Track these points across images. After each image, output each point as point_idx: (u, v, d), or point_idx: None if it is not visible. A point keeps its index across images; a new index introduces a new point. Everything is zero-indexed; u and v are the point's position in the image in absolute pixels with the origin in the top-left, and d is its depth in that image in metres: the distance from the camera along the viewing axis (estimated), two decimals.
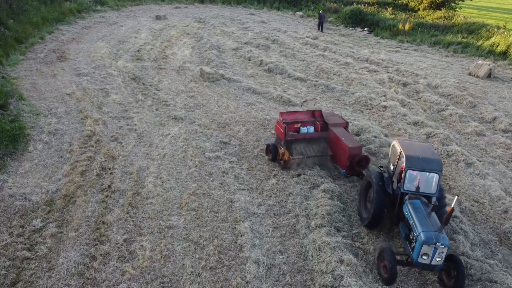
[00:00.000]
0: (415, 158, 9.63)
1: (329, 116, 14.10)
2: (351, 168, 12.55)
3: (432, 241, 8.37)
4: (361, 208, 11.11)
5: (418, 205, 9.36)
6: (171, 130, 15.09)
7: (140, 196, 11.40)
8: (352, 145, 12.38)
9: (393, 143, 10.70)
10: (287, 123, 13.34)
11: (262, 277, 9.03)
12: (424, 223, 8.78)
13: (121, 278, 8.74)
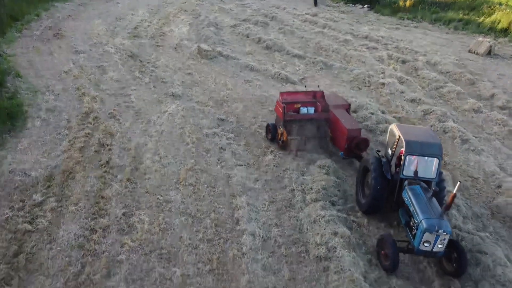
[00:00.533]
0: (414, 143, 9.42)
1: (331, 97, 13.81)
2: (350, 151, 12.31)
3: (434, 229, 8.27)
4: (358, 194, 10.85)
5: (418, 191, 9.20)
6: (168, 107, 15.13)
7: (138, 171, 11.56)
8: (351, 127, 12.15)
9: (391, 127, 10.47)
10: (286, 103, 13.07)
11: (258, 249, 9.26)
12: (425, 210, 8.66)
13: (120, 249, 8.96)
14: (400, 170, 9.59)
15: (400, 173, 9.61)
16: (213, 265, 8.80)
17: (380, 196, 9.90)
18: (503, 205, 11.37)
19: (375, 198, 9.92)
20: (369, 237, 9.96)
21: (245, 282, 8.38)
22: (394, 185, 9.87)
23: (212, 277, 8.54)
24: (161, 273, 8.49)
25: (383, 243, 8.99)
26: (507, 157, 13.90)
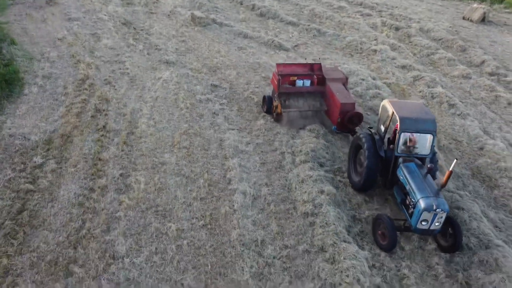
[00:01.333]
0: (408, 120, 9.19)
1: (329, 71, 13.48)
2: (342, 125, 12.14)
3: (432, 208, 8.24)
4: (351, 172, 10.67)
5: (413, 168, 9.12)
6: (163, 73, 15.39)
7: (134, 135, 11.97)
8: (344, 101, 11.93)
9: (383, 103, 10.19)
10: (282, 75, 12.81)
11: (248, 206, 9.81)
12: (422, 188, 8.61)
13: (118, 207, 9.49)
14: (395, 148, 9.40)
15: (394, 151, 9.43)
16: (206, 220, 9.37)
17: (374, 174, 9.78)
18: (483, 166, 11.91)
19: (368, 177, 9.75)
20: (354, 195, 10.50)
21: (236, 235, 8.96)
22: (387, 162, 9.72)
23: (205, 231, 9.11)
24: (157, 227, 9.05)
25: (380, 223, 8.91)
26: (492, 121, 14.36)
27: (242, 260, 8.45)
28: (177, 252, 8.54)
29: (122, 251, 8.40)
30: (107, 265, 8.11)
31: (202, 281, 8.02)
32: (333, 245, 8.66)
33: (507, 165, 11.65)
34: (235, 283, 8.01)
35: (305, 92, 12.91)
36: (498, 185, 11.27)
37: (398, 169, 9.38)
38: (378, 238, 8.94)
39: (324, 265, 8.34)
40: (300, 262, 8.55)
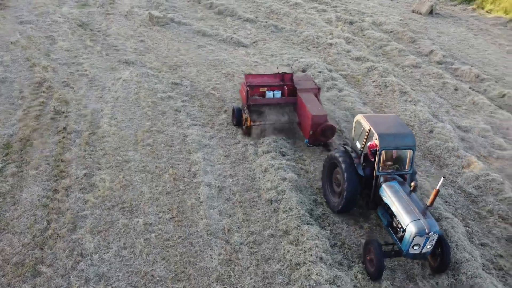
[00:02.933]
0: (388, 136, 8.65)
1: (300, 80, 12.83)
2: (315, 138, 11.63)
3: (424, 232, 7.71)
4: (327, 193, 10.02)
5: (397, 187, 8.62)
6: (122, 73, 15.36)
7: (96, 135, 11.96)
8: (316, 113, 11.33)
9: (356, 118, 9.53)
10: (251, 86, 12.22)
11: (214, 197, 10.09)
12: (410, 210, 8.07)
13: (84, 206, 9.52)
14: (376, 167, 8.82)
15: (375, 170, 8.85)
16: (173, 213, 9.57)
17: (355, 196, 9.25)
18: (433, 147, 12.73)
19: (349, 199, 9.20)
20: (315, 181, 10.98)
21: (203, 225, 9.22)
22: (367, 181, 9.18)
23: (172, 223, 9.31)
24: (125, 223, 9.16)
25: (368, 248, 8.36)
26: (440, 106, 15.30)
27: (210, 248, 8.73)
28: (145, 245, 8.70)
29: (90, 248, 8.47)
30: (76, 263, 8.17)
31: (172, 271, 8.23)
32: (296, 228, 9.09)
33: (454, 145, 12.50)
34: (204, 270, 8.27)
35: (276, 104, 12.30)
36: (447, 164, 12.10)
37: (380, 189, 8.82)
38: (367, 264, 8.41)
39: (289, 247, 8.75)
40: (266, 246, 8.92)
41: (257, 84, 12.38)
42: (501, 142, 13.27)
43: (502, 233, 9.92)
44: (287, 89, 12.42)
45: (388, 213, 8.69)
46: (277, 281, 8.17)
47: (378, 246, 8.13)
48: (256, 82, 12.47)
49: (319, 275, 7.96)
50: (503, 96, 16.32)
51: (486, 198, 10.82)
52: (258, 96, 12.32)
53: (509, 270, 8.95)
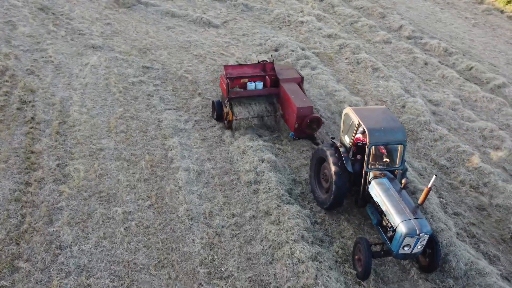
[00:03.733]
0: (377, 131, 8.27)
1: (283, 70, 12.37)
2: (300, 131, 11.33)
3: (415, 233, 7.43)
4: (315, 188, 9.68)
5: (387, 185, 8.31)
6: (90, 59, 14.82)
7: (67, 124, 11.57)
8: (301, 105, 10.95)
9: (345, 111, 9.06)
10: (231, 78, 11.62)
11: (193, 182, 10.01)
12: (400, 209, 7.77)
13: (59, 198, 9.26)
14: (365, 163, 8.48)
15: (364, 166, 8.51)
16: (152, 200, 9.45)
17: (343, 192, 8.91)
18: (406, 122, 12.99)
19: (338, 196, 8.87)
20: (293, 160, 11.06)
21: (184, 210, 9.16)
22: (356, 177, 8.87)
23: (152, 210, 9.20)
24: (103, 213, 8.99)
25: (358, 248, 8.04)
26: (411, 80, 15.57)
27: (192, 233, 8.70)
28: (126, 234, 8.59)
29: (68, 240, 8.29)
30: (55, 256, 7.99)
31: (155, 258, 8.18)
32: (277, 208, 9.16)
33: (426, 119, 12.80)
34: (187, 255, 8.26)
35: (257, 95, 11.81)
36: (420, 137, 12.39)
37: (370, 186, 8.56)
38: (355, 263, 8.17)
39: (270, 227, 8.82)
40: (248, 227, 8.97)
41: (238, 76, 11.79)
42: (470, 114, 13.68)
43: (473, 202, 10.32)
44: (269, 79, 11.89)
45: (377, 212, 8.38)
46: (260, 261, 8.26)
47: (367, 246, 7.80)
48: (236, 73, 11.90)
49: (302, 252, 8.09)
50: (470, 69, 16.74)
51: (458, 169, 11.20)
52: (239, 88, 11.77)
53: (481, 237, 9.36)
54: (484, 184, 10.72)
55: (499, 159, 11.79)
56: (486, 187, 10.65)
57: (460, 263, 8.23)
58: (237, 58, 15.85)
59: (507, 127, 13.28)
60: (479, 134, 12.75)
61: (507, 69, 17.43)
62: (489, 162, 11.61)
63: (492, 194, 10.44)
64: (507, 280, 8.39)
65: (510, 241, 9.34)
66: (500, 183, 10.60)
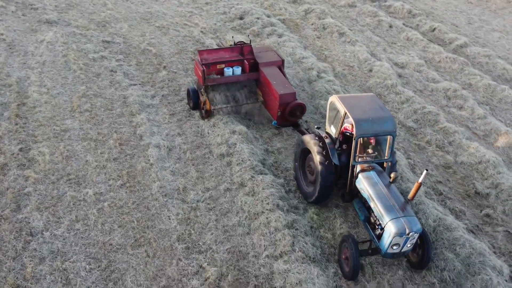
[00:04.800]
0: (365, 122, 7.75)
1: (261, 52, 11.46)
2: (284, 119, 10.57)
3: (404, 232, 7.04)
4: (300, 180, 9.19)
5: (375, 179, 7.84)
6: (45, 35, 14.03)
7: (26, 106, 11.03)
8: (283, 92, 10.23)
9: (331, 99, 8.49)
10: (207, 64, 10.71)
11: (164, 158, 9.85)
12: (389, 206, 7.34)
13: (25, 183, 8.93)
14: (352, 156, 7.94)
15: (351, 159, 7.98)
16: (124, 179, 9.26)
17: (329, 186, 8.45)
18: (374, 86, 13.14)
19: (323, 190, 8.44)
20: (264, 131, 11.03)
21: (157, 188, 9.04)
22: (342, 170, 8.41)
23: (124, 190, 9.04)
24: (73, 196, 8.75)
25: (345, 246, 7.65)
26: (377, 44, 15.65)
27: (167, 210, 8.63)
28: (99, 215, 8.42)
29: (39, 226, 8.05)
30: (26, 243, 7.76)
31: (131, 237, 8.10)
32: (251, 179, 9.18)
33: (393, 82, 12.98)
34: (164, 232, 8.22)
35: (236, 81, 11.05)
36: (387, 101, 12.59)
37: (357, 180, 8.06)
38: (342, 263, 7.74)
39: (246, 199, 8.86)
40: (223, 200, 8.97)
41: (214, 61, 10.85)
42: (435, 75, 13.96)
43: (440, 160, 10.68)
44: (247, 63, 11.01)
45: (365, 207, 7.95)
46: (238, 233, 8.33)
47: (354, 244, 7.42)
48: (212, 58, 10.91)
49: (278, 221, 8.21)
50: (433, 30, 16.98)
51: (424, 130, 11.51)
52: (216, 75, 10.87)
53: (448, 194, 9.76)
54: (449, 143, 11.09)
55: (463, 118, 12.17)
56: (451, 145, 11.02)
57: (429, 220, 8.57)
58: (201, 28, 15.41)
59: (470, 86, 13.68)
60: (444, 94, 13.08)
61: (468, 29, 17.79)
62: (454, 121, 11.98)
63: (457, 152, 10.83)
64: (472, 233, 8.85)
65: (474, 196, 9.80)
66: (464, 141, 10.99)
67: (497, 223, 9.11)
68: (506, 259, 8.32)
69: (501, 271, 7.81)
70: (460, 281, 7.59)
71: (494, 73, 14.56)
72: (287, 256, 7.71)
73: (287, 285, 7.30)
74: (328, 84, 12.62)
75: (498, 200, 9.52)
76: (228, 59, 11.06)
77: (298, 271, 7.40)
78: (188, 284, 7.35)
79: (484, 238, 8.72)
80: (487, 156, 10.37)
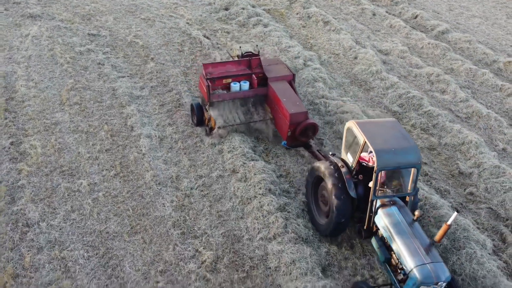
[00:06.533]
0: (387, 153, 7.05)
1: (271, 65, 10.74)
2: (294, 139, 9.83)
3: (432, 281, 6.34)
4: (313, 212, 8.47)
5: (397, 217, 7.13)
6: (29, 29, 13.93)
7: (15, 100, 11.02)
8: (294, 111, 9.50)
9: (348, 125, 7.82)
10: (212, 78, 10.10)
11: (156, 148, 9.98)
12: (414, 250, 6.64)
13: (18, 176, 8.98)
14: (372, 190, 7.21)
15: (372, 194, 7.25)
16: (117, 169, 9.37)
17: (345, 220, 7.73)
18: (359, 72, 13.42)
19: (338, 225, 7.74)
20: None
21: (150, 177, 9.18)
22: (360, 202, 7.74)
23: (118, 179, 9.15)
24: (68, 187, 8.84)
25: None
26: (361, 32, 15.92)
27: (161, 198, 8.79)
28: (94, 205, 8.54)
29: (35, 217, 8.15)
30: (23, 234, 7.86)
31: (127, 225, 8.24)
32: (243, 165, 9.38)
33: (377, 68, 13.27)
34: (159, 219, 8.38)
35: (243, 97, 10.33)
36: (372, 87, 12.88)
37: (377, 216, 7.37)
38: None
39: (238, 185, 9.07)
40: (216, 187, 9.17)
41: (220, 75, 10.19)
42: (418, 61, 14.30)
43: (424, 143, 11.03)
44: (255, 78, 10.29)
45: (385, 246, 7.19)
46: (231, 217, 8.55)
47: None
48: (218, 72, 10.23)
49: (270, 205, 8.44)
50: (416, 17, 17.32)
51: (409, 114, 11.84)
52: (222, 90, 10.24)
53: (433, 174, 10.11)
54: (433, 126, 11.44)
55: (446, 102, 12.54)
56: (435, 128, 11.38)
57: None
58: (187, 20, 15.46)
59: (452, 71, 14.06)
60: (427, 79, 13.43)
61: (449, 15, 18.17)
62: (437, 105, 12.34)
63: (441, 134, 11.19)
64: (456, 210, 9.19)
65: (458, 176, 10.17)
66: (448, 123, 11.35)
67: (480, 201, 9.50)
68: (489, 234, 8.72)
69: (485, 245, 8.19)
70: (447, 255, 7.94)
71: (474, 57, 14.98)
72: (280, 237, 7.96)
73: (281, 265, 7.56)
74: (314, 72, 12.84)
75: (481, 178, 9.91)
76: (235, 73, 10.34)
77: (292, 251, 7.66)
78: (185, 267, 7.55)
79: (468, 215, 9.10)
80: (470, 137, 10.76)
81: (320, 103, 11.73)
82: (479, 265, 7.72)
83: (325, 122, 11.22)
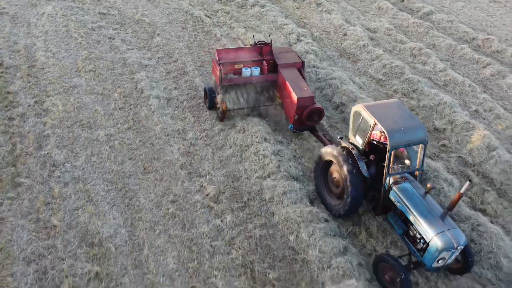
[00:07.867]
0: (398, 132, 7.43)
1: (281, 53, 11.22)
2: (300, 123, 10.31)
3: (452, 246, 6.87)
4: (324, 194, 8.86)
5: (411, 191, 7.60)
6: (45, 8, 15.13)
7: (36, 68, 12.21)
8: (301, 95, 9.95)
9: (355, 109, 8.16)
10: (224, 63, 10.57)
11: (164, 106, 11.20)
12: (432, 220, 7.11)
13: (43, 128, 10.19)
14: (386, 168, 7.62)
15: (386, 172, 7.66)
16: (130, 123, 10.59)
17: (360, 200, 8.18)
18: (348, 47, 14.64)
19: (354, 205, 8.13)
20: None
21: (160, 129, 10.40)
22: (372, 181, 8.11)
23: (131, 131, 10.37)
24: (87, 136, 10.05)
25: (386, 268, 7.34)
26: (351, 13, 17.14)
27: (170, 146, 10.01)
28: (111, 151, 9.75)
29: (61, 159, 9.36)
30: (51, 172, 9.07)
31: (140, 166, 9.46)
32: (241, 120, 10.60)
33: (365, 43, 14.49)
34: (168, 162, 9.60)
35: (255, 82, 10.82)
36: (360, 59, 14.11)
37: (391, 193, 7.76)
38: (387, 284, 7.39)
39: (237, 136, 10.29)
40: (217, 138, 10.38)
41: (231, 61, 10.71)
42: (402, 37, 15.52)
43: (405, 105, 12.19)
44: (266, 64, 10.80)
45: (401, 220, 7.72)
46: (231, 162, 9.77)
47: (397, 264, 7.13)
48: (230, 58, 10.74)
49: (265, 150, 9.67)
50: (403, 1, 18.53)
51: (392, 81, 13.06)
52: (234, 75, 10.76)
53: None
54: (413, 91, 12.66)
55: (426, 72, 13.76)
56: (415, 93, 12.59)
57: None
58: (190, 1, 16.65)
59: (433, 47, 15.28)
60: (410, 53, 14.66)
61: None
62: (418, 74, 13.55)
63: (420, 98, 12.41)
64: (430, 158, 10.45)
65: (433, 131, 11.39)
66: (426, 89, 12.56)
67: (451, 151, 10.73)
68: (457, 176, 9.94)
69: (452, 183, 9.41)
70: None
71: (456, 35, 16.21)
72: (274, 175, 9.19)
73: (275, 196, 8.78)
74: (307, 45, 14.07)
75: (453, 133, 11.13)
76: (246, 59, 10.85)
77: (283, 186, 8.89)
78: (192, 198, 8.77)
79: (439, 161, 10.33)
80: (445, 99, 11.98)
81: (311, 72, 12.94)
82: (446, 197, 8.95)
83: (316, 88, 12.44)
